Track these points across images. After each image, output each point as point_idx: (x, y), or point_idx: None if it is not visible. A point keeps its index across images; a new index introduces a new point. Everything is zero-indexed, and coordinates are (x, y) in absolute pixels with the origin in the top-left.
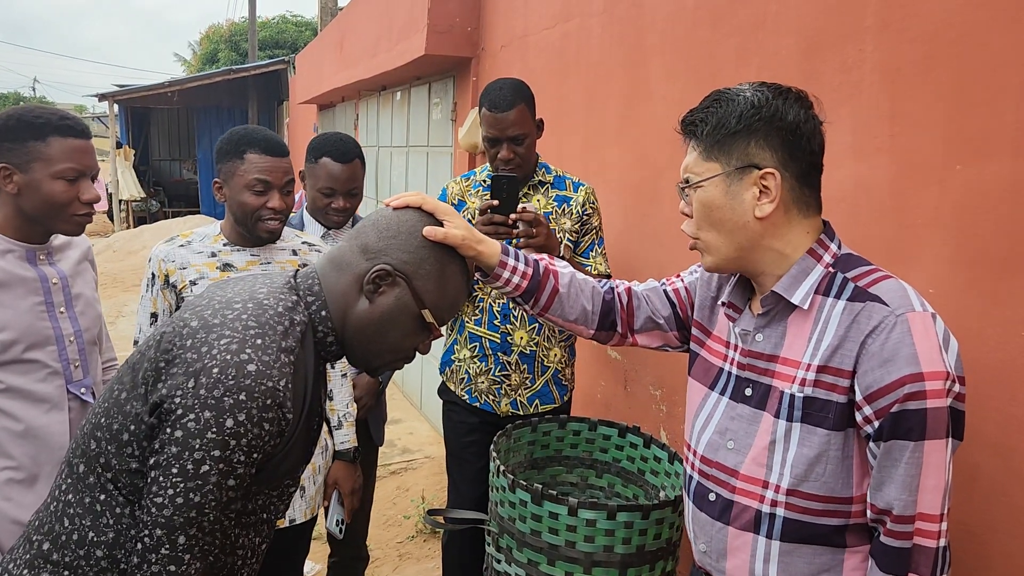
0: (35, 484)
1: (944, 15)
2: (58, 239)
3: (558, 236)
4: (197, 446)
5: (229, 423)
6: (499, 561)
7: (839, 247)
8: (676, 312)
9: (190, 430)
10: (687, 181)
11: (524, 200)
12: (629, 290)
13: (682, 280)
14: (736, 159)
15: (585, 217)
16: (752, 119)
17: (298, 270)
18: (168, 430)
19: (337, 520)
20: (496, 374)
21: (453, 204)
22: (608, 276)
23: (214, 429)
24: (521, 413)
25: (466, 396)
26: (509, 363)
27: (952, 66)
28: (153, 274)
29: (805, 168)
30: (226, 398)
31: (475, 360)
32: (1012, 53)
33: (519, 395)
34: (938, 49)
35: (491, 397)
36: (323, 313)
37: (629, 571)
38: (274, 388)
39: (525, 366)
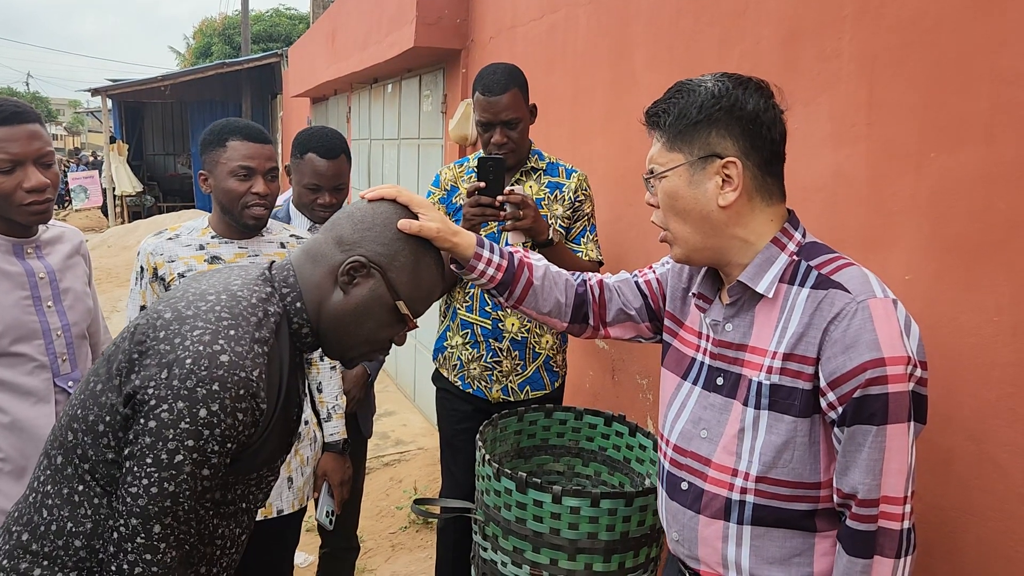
0: (23, 476)
1: (919, 4)
2: (48, 233)
3: (550, 222)
4: (171, 436)
5: (202, 413)
6: (485, 549)
7: (803, 235)
8: (648, 303)
9: (164, 420)
10: (651, 172)
11: (515, 185)
12: (601, 282)
13: (654, 271)
14: (698, 149)
15: (577, 203)
16: (712, 109)
17: (273, 262)
18: (142, 420)
19: (327, 511)
20: (488, 360)
21: (446, 190)
22: (600, 263)
23: (187, 419)
24: (512, 400)
25: (459, 382)
26: (500, 349)
27: (927, 55)
28: (142, 267)
29: (767, 156)
30: (199, 388)
31: (467, 347)
32: (985, 41)
33: (510, 381)
34: (913, 38)
35: (483, 383)
36: (298, 304)
37: (613, 557)
38: (247, 378)
39: (516, 352)
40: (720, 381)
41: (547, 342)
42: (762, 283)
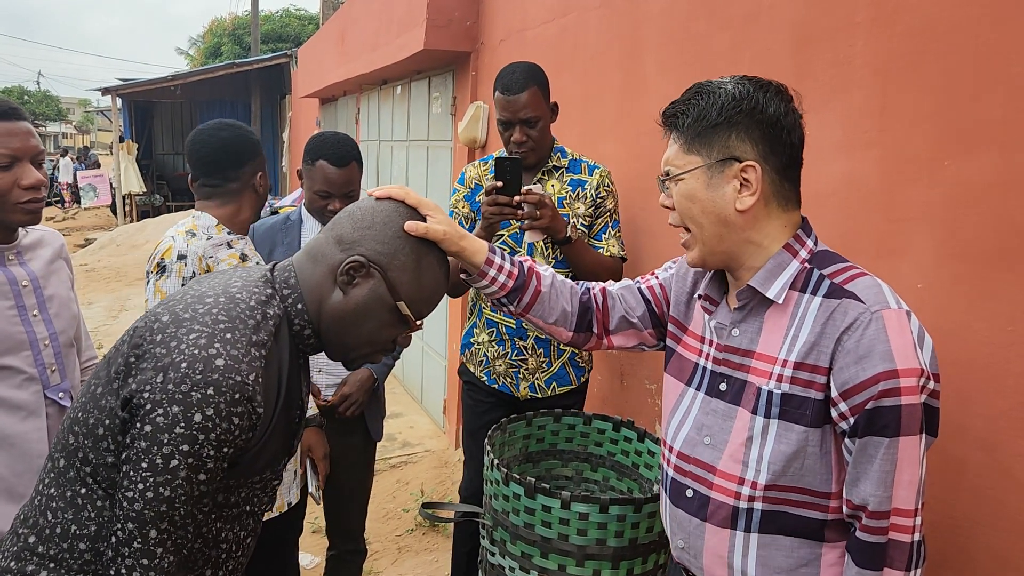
0: (14, 494)
1: (933, 10)
2: (28, 237)
3: (571, 221)
4: (166, 441)
5: (197, 418)
6: (493, 554)
7: (815, 243)
8: (651, 309)
9: (159, 425)
10: (668, 174)
11: (537, 183)
12: (604, 290)
13: (656, 277)
14: (717, 152)
15: (599, 200)
16: (733, 111)
17: (276, 263)
18: (138, 425)
19: (316, 485)
20: (513, 358)
21: (471, 188)
22: (623, 258)
23: (182, 424)
24: (540, 396)
25: (484, 378)
26: (525, 348)
27: (941, 61)
28: (194, 272)
29: (785, 161)
30: (194, 393)
31: (493, 344)
32: (1000, 48)
33: (536, 378)
34: (927, 44)
35: (508, 380)
36: (299, 306)
37: (622, 564)
38: (243, 383)
39: (541, 350)
40: (723, 387)
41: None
42: (772, 289)
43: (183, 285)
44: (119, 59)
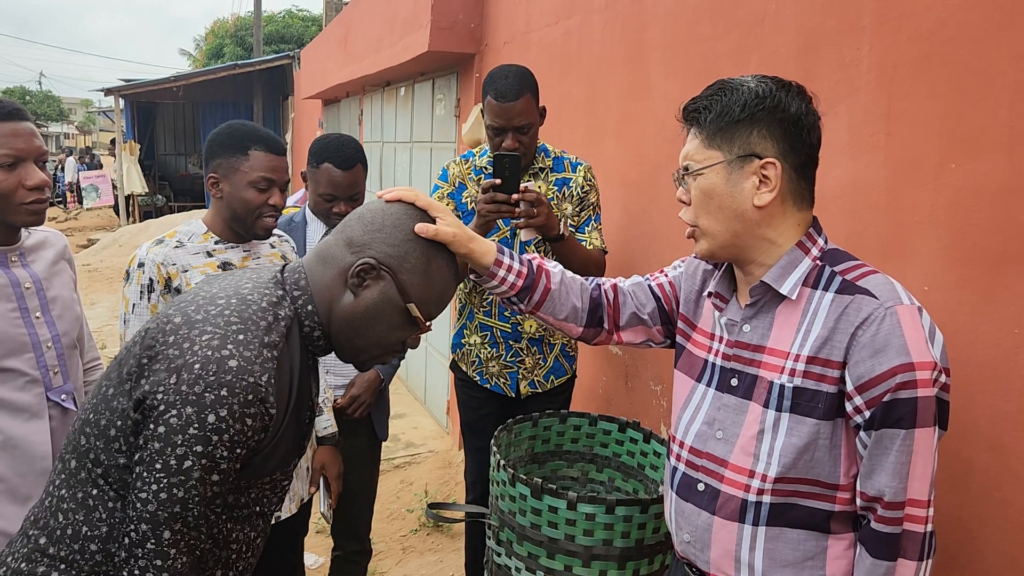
0: (18, 496)
1: (940, 14)
2: (31, 239)
3: (560, 221)
4: (179, 442)
5: (211, 419)
6: (499, 555)
7: (826, 242)
8: (660, 306)
9: (172, 426)
10: (687, 169)
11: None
12: (615, 286)
13: (666, 275)
14: (738, 148)
15: (582, 195)
16: (756, 109)
17: (286, 264)
18: (151, 426)
19: (328, 504)
20: (508, 359)
21: (455, 186)
22: (604, 251)
23: (196, 425)
24: (540, 391)
25: (477, 377)
26: (520, 349)
27: (947, 65)
28: (151, 280)
29: (804, 160)
30: (207, 394)
31: (485, 346)
32: (1006, 53)
33: (535, 375)
34: (934, 48)
35: (502, 380)
36: (309, 307)
37: (628, 564)
38: (256, 384)
39: (535, 348)
40: (735, 382)
41: (559, 333)
42: (786, 285)
43: (140, 293)
44: (121, 60)
